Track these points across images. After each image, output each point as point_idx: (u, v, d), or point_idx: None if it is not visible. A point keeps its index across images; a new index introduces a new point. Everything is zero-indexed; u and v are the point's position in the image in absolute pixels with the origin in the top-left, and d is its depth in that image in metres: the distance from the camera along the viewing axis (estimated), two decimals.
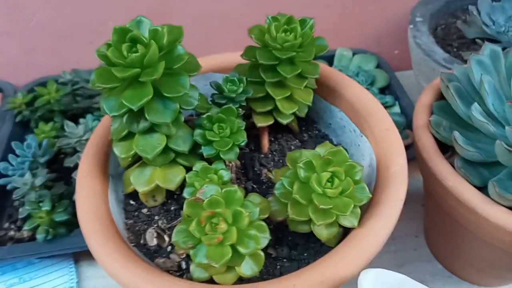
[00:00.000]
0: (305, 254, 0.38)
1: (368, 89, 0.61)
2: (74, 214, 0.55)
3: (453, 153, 0.45)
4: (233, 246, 0.32)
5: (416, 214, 0.61)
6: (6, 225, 0.59)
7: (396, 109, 0.69)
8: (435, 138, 0.45)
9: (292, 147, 0.47)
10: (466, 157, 0.41)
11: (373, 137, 0.42)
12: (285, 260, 0.38)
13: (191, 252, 0.32)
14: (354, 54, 0.79)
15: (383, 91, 0.74)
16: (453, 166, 0.41)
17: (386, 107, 0.63)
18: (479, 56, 0.44)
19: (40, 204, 0.54)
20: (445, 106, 0.46)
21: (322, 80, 0.48)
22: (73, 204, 0.56)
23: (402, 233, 0.59)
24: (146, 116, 0.35)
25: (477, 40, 0.64)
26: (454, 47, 0.65)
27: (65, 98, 0.69)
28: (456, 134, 0.41)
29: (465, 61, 0.59)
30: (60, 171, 0.62)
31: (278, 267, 0.38)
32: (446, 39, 0.67)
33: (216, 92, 0.43)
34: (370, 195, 0.35)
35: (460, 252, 0.48)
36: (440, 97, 0.48)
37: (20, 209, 0.56)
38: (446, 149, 0.45)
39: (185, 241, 0.32)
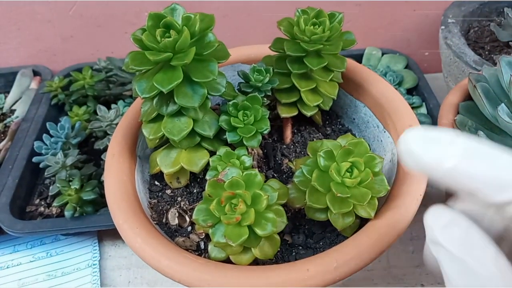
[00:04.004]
0: (320, 243, 0.39)
1: (395, 89, 0.61)
2: (101, 194, 0.57)
3: None
4: (250, 227, 0.33)
5: None
6: (37, 201, 0.62)
7: (423, 110, 0.69)
8: None
9: (315, 140, 0.48)
10: None
11: (396, 133, 0.42)
12: (300, 247, 0.39)
13: (210, 231, 0.34)
14: (383, 54, 0.79)
15: (410, 92, 0.74)
16: None
17: (412, 108, 0.62)
18: (510, 57, 0.44)
19: (70, 182, 0.57)
20: (471, 106, 0.46)
21: (349, 75, 0.48)
22: (101, 184, 0.58)
23: (421, 234, 0.58)
24: (175, 99, 0.37)
25: (511, 43, 0.62)
26: (486, 50, 0.65)
27: (98, 84, 0.72)
28: (481, 133, 0.40)
29: (496, 64, 0.58)
30: (90, 153, 0.65)
31: (294, 253, 0.38)
32: (478, 41, 0.66)
33: (243, 81, 0.44)
34: (389, 187, 0.35)
35: None
36: (468, 97, 0.48)
37: (51, 187, 0.59)
38: None
39: (205, 219, 0.33)
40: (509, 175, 0.20)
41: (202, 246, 0.40)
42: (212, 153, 0.41)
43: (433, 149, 0.22)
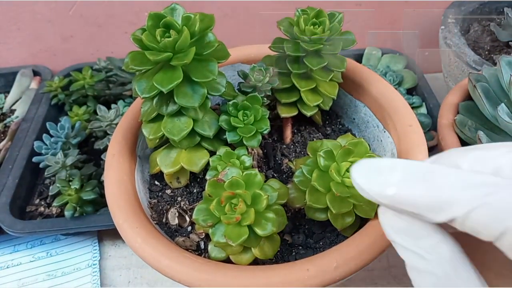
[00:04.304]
0: (320, 243, 0.39)
1: (395, 89, 0.61)
2: (101, 194, 0.57)
3: None
4: (250, 227, 0.33)
5: None
6: (37, 201, 0.62)
7: (423, 110, 0.69)
8: (460, 138, 0.44)
9: (315, 140, 0.48)
10: None
11: (396, 133, 0.42)
12: (300, 247, 0.39)
13: (210, 230, 0.34)
14: (383, 54, 0.79)
15: (410, 92, 0.74)
16: None
17: (412, 108, 0.63)
18: (510, 57, 0.44)
19: (70, 182, 0.57)
20: (471, 106, 0.46)
21: (349, 75, 0.48)
22: (100, 184, 0.58)
23: None
24: (175, 99, 0.37)
25: (511, 43, 0.62)
26: (486, 50, 0.65)
27: (98, 84, 0.72)
28: (480, 133, 0.40)
29: (496, 64, 0.58)
30: (90, 153, 0.65)
31: (293, 253, 0.38)
32: (478, 41, 0.66)
33: (243, 80, 0.44)
34: None
35: (478, 256, 0.48)
36: (467, 97, 0.48)
37: (51, 187, 0.59)
38: None
39: (205, 219, 0.33)
40: (445, 194, 0.21)
41: (202, 246, 0.40)
42: (212, 153, 0.41)
43: (374, 180, 0.23)
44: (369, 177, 0.23)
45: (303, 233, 0.40)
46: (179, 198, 0.43)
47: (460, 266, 0.23)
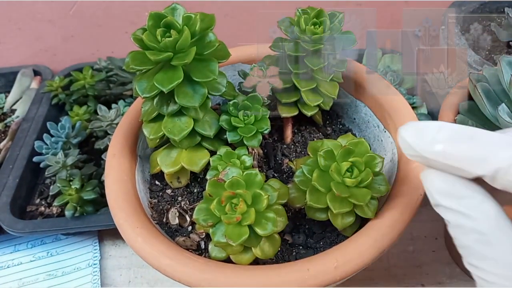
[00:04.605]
0: (321, 243, 0.39)
1: (396, 89, 0.61)
2: (101, 194, 0.57)
3: None
4: (251, 227, 0.33)
5: (437, 216, 0.60)
6: (37, 201, 0.62)
7: (423, 110, 0.69)
8: None
9: (315, 140, 0.48)
10: None
11: (396, 132, 0.42)
12: (301, 247, 0.39)
13: (210, 230, 0.34)
14: (383, 54, 0.79)
15: (411, 92, 0.74)
16: None
17: (413, 108, 0.62)
18: (510, 57, 0.44)
19: (70, 182, 0.57)
20: (472, 106, 0.46)
21: (349, 75, 0.48)
22: (101, 184, 0.58)
23: (422, 234, 0.59)
24: (176, 99, 0.37)
25: (511, 43, 0.62)
26: (486, 49, 0.65)
27: (99, 84, 0.72)
28: None
29: (496, 64, 0.58)
30: (90, 153, 0.65)
31: (294, 253, 0.38)
32: (478, 41, 0.66)
33: (243, 80, 0.44)
34: (389, 187, 0.35)
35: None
36: (468, 97, 0.48)
37: (51, 186, 0.59)
38: None
39: (205, 219, 0.33)
40: (488, 149, 0.24)
41: (203, 245, 0.40)
42: (213, 153, 0.41)
43: (423, 138, 0.26)
44: (419, 135, 0.26)
45: (304, 233, 0.40)
46: (179, 198, 0.43)
47: (503, 223, 0.25)
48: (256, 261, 0.36)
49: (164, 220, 0.42)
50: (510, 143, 0.24)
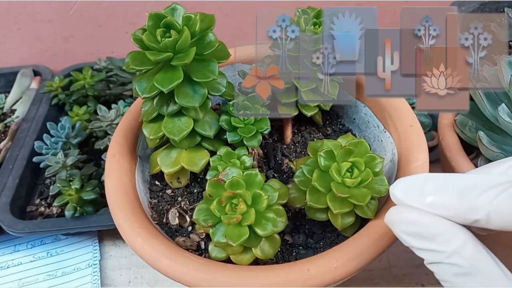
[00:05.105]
0: (321, 243, 0.39)
1: None
2: (101, 194, 0.58)
3: (478, 154, 0.44)
4: (251, 227, 0.33)
5: None
6: (37, 201, 0.62)
7: None
8: (460, 138, 0.44)
9: (315, 140, 0.48)
10: (490, 158, 0.41)
11: (396, 133, 0.42)
12: (301, 247, 0.39)
13: (210, 230, 0.34)
14: None
15: None
16: (476, 167, 0.41)
17: (413, 108, 0.63)
18: (510, 57, 0.44)
19: (70, 182, 0.57)
20: (471, 106, 0.46)
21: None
22: (101, 184, 0.58)
23: None
24: (176, 99, 0.37)
25: (511, 43, 0.62)
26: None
27: (99, 84, 0.72)
28: (481, 133, 0.40)
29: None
30: (90, 153, 0.65)
31: (294, 253, 0.38)
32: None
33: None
34: (389, 187, 0.35)
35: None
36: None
37: (51, 187, 0.59)
38: (470, 150, 0.45)
39: (205, 219, 0.33)
40: (473, 197, 0.25)
41: (203, 246, 0.40)
42: (213, 153, 0.41)
43: (411, 192, 0.27)
44: (407, 191, 0.28)
45: (304, 233, 0.40)
46: (179, 198, 0.43)
47: (479, 251, 0.26)
48: (256, 262, 0.36)
49: (164, 220, 0.42)
50: (493, 184, 0.25)
